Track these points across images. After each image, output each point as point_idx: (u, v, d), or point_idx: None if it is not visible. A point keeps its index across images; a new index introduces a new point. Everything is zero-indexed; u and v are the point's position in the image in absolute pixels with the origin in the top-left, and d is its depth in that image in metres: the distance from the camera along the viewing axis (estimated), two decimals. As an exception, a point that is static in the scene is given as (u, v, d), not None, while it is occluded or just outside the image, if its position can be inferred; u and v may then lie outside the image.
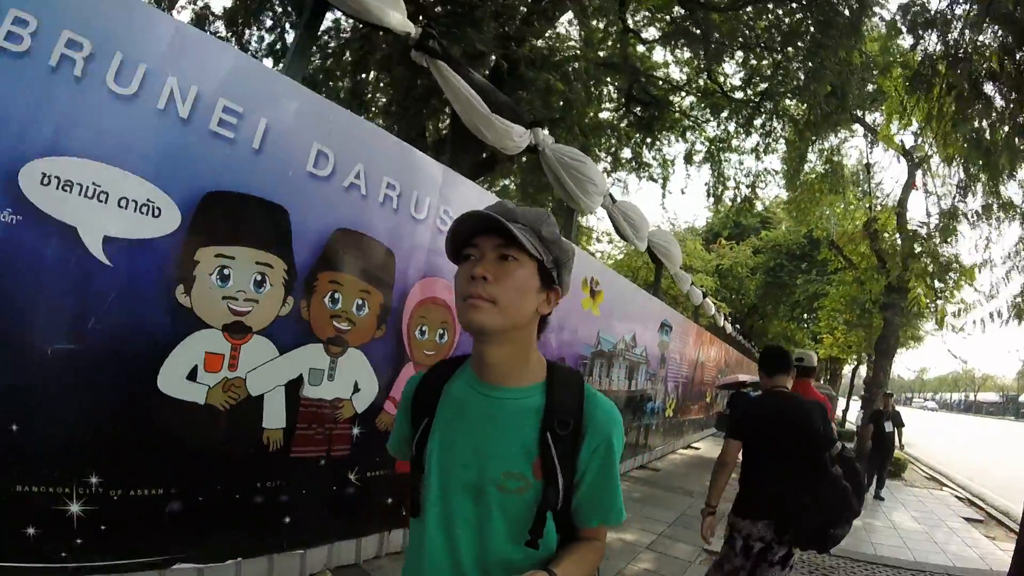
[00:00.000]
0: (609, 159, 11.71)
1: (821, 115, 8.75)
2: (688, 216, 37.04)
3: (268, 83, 2.80)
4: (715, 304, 13.37)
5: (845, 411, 21.68)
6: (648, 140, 11.81)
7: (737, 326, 18.12)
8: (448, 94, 3.78)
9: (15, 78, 2.04)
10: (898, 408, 9.54)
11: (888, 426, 8.65)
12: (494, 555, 1.02)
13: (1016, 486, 10.30)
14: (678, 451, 10.78)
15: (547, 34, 8.17)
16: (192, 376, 2.48)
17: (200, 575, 2.67)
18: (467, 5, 5.93)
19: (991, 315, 6.33)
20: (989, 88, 4.88)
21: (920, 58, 5.16)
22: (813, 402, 2.88)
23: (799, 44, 8.89)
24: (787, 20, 9.10)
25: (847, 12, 7.82)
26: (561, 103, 7.31)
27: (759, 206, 16.90)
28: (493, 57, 6.64)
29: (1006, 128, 5.01)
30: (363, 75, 9.55)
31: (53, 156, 2.10)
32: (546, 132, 4.66)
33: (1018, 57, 4.61)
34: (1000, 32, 4.63)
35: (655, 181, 12.24)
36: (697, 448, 11.75)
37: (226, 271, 2.56)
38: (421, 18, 3.51)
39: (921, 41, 5.08)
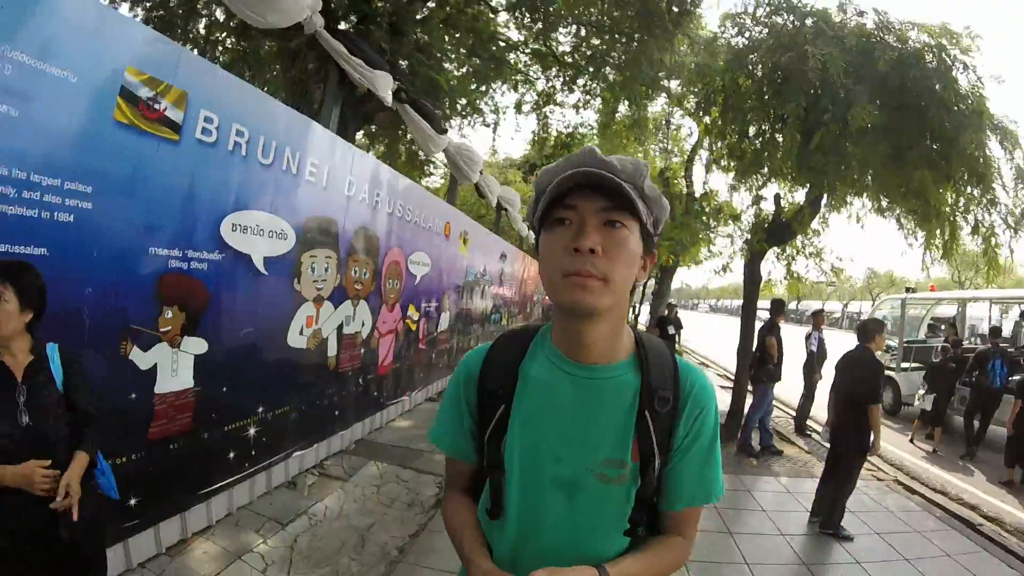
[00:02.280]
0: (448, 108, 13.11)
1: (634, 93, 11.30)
2: (507, 151, 38.79)
3: (321, 137, 4.27)
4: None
5: (637, 315, 26.73)
6: (483, 89, 13.41)
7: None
8: (408, 124, 5.43)
9: (211, 160, 3.10)
10: (683, 311, 13.11)
11: (671, 330, 11.09)
12: (589, 554, 0.91)
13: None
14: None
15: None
16: (301, 332, 4.09)
17: (302, 458, 4.30)
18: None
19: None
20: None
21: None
22: None
23: (622, 35, 10.99)
24: (616, 12, 11.05)
25: (667, 23, 9.91)
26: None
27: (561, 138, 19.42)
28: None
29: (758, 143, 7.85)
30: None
31: (237, 211, 3.34)
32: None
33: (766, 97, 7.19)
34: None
35: (487, 127, 14.04)
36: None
37: (314, 265, 4.14)
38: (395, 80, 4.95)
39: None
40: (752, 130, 7.60)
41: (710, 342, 22.48)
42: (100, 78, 2.44)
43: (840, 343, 6.83)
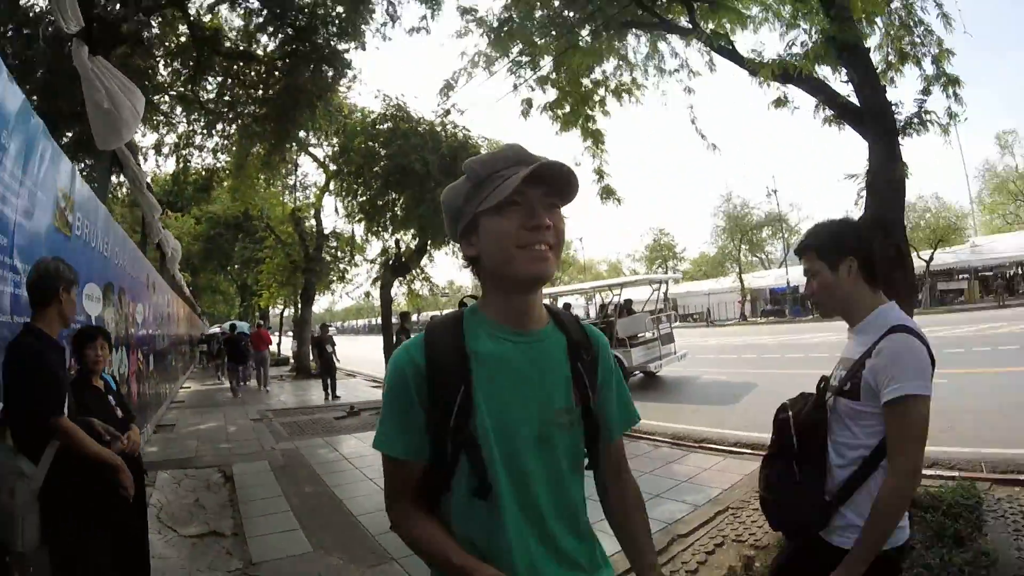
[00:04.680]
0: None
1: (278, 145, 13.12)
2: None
3: (106, 218, 5.41)
4: (183, 276, 16.34)
5: (279, 343, 27.37)
6: (126, 130, 13.28)
7: (191, 287, 20.81)
8: (136, 194, 6.61)
9: (80, 248, 4.43)
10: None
11: (328, 348, 12.62)
12: (567, 498, 1.05)
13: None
14: (181, 389, 13.97)
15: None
16: (110, 372, 5.19)
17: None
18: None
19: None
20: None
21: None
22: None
23: (267, 92, 12.55)
24: (264, 73, 12.28)
25: (312, 96, 11.58)
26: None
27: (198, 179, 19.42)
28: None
29: (380, 202, 11.03)
30: None
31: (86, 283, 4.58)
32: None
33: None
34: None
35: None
36: (188, 387, 14.97)
37: (107, 319, 5.30)
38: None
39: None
40: (379, 198, 10.89)
41: (352, 356, 25.21)
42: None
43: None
